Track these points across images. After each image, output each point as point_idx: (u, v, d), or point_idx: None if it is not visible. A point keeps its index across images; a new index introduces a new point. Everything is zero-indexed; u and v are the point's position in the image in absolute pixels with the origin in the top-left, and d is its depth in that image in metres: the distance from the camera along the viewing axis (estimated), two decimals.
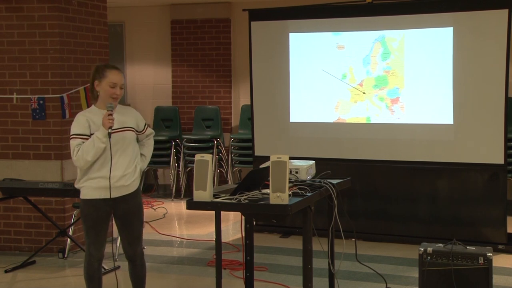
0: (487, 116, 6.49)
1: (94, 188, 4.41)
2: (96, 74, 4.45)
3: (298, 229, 7.05)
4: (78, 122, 4.42)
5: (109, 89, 4.41)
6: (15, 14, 6.62)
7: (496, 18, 6.36)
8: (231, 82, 10.03)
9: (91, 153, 4.32)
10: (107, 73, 4.43)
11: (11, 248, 6.81)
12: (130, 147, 4.50)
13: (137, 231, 4.62)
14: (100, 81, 4.43)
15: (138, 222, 4.62)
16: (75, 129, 4.40)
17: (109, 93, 4.41)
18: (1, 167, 6.71)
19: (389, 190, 7.04)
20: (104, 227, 4.52)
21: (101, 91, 4.44)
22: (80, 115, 4.47)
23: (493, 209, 6.57)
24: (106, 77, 4.42)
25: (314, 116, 7.25)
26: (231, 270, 5.99)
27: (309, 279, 4.24)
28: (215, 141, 9.61)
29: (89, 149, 4.31)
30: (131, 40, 10.46)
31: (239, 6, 9.39)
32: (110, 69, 4.47)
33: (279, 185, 3.98)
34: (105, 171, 4.38)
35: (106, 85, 4.41)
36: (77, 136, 4.38)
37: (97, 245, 4.50)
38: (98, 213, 4.45)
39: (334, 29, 7.10)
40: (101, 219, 4.48)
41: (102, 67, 4.50)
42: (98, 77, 4.43)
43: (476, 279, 4.65)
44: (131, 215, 4.55)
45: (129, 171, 4.48)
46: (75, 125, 4.42)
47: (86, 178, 4.43)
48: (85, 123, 4.39)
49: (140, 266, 4.69)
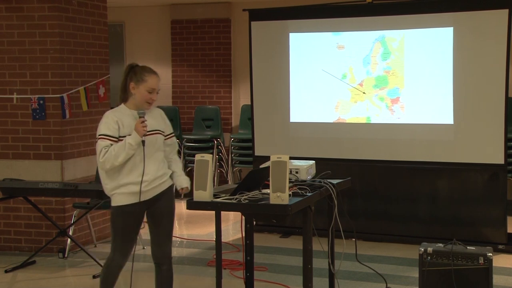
0: (487, 116, 6.49)
1: (126, 194, 4.29)
2: (134, 76, 4.30)
3: (298, 229, 7.05)
4: (108, 122, 4.25)
5: (146, 94, 4.28)
6: (15, 14, 6.62)
7: (496, 18, 6.36)
8: (231, 82, 10.03)
9: (120, 159, 4.18)
10: (147, 77, 4.29)
11: (11, 248, 6.81)
12: (160, 150, 4.39)
13: (165, 231, 4.47)
14: (137, 85, 4.28)
15: (167, 221, 4.48)
16: (104, 129, 4.23)
17: (145, 98, 4.29)
18: (1, 167, 6.71)
19: (389, 190, 7.04)
20: (132, 236, 4.42)
21: (137, 94, 4.28)
22: (110, 114, 4.30)
23: (493, 209, 6.57)
24: (145, 81, 4.28)
25: (314, 116, 7.24)
26: (231, 270, 5.99)
27: (309, 279, 4.24)
28: (215, 141, 9.61)
29: (119, 153, 4.18)
30: (131, 40, 10.46)
31: (239, 6, 9.39)
32: (149, 73, 4.33)
33: (279, 185, 3.98)
34: (135, 175, 4.26)
35: (143, 90, 4.28)
36: (106, 137, 4.22)
37: (122, 251, 4.40)
38: (129, 220, 4.35)
39: (334, 29, 7.10)
40: (131, 227, 4.38)
41: (140, 70, 4.33)
42: (136, 80, 4.28)
43: (476, 279, 4.65)
44: (161, 213, 4.43)
45: (160, 173, 4.38)
46: (104, 125, 4.25)
47: (117, 185, 4.29)
48: (114, 124, 4.24)
49: (166, 272, 4.52)
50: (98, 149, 4.23)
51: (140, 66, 4.40)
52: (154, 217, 4.44)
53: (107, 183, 4.34)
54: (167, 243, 4.50)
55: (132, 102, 4.34)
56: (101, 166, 4.25)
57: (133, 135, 4.21)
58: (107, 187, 4.36)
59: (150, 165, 4.31)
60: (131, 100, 4.34)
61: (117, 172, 4.28)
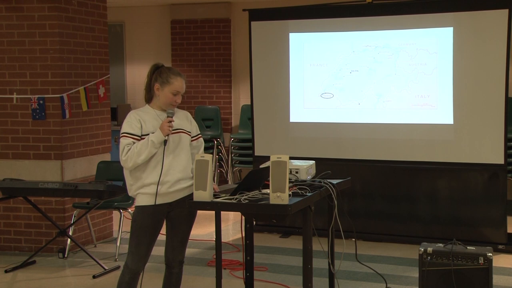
0: (487, 116, 6.49)
1: (149, 195, 4.22)
2: (159, 77, 4.27)
3: (298, 229, 7.05)
4: (131, 121, 4.23)
5: (170, 97, 4.27)
6: (15, 14, 6.62)
7: (496, 18, 6.36)
8: (231, 82, 10.03)
9: (142, 156, 4.16)
10: (172, 79, 4.26)
11: (11, 248, 6.81)
12: (185, 150, 4.35)
13: (182, 236, 4.42)
14: (162, 86, 4.26)
15: (186, 227, 4.43)
16: (127, 128, 4.22)
17: (170, 100, 4.28)
18: (1, 167, 6.71)
19: (389, 190, 7.04)
20: (147, 240, 4.26)
21: (161, 96, 4.27)
22: (133, 113, 4.27)
23: (493, 209, 6.57)
24: (171, 84, 4.26)
25: (314, 116, 7.24)
26: (231, 270, 5.99)
27: (309, 279, 4.24)
28: (215, 141, 9.61)
29: (141, 151, 4.15)
30: (131, 40, 10.46)
31: (239, 6, 9.39)
32: (176, 75, 4.29)
33: (279, 185, 3.98)
34: (157, 175, 4.21)
35: (168, 92, 4.26)
36: (129, 135, 4.20)
37: (134, 256, 4.26)
38: (147, 221, 4.24)
39: (334, 29, 7.10)
40: (147, 229, 4.24)
41: (166, 71, 4.30)
42: (161, 81, 4.26)
43: (476, 279, 4.65)
44: (181, 218, 4.37)
45: (184, 175, 4.32)
46: (127, 124, 4.23)
47: (141, 185, 4.24)
48: (137, 123, 4.22)
49: (176, 275, 4.48)
50: (120, 147, 4.21)
51: (166, 67, 4.36)
52: (173, 221, 4.39)
53: (132, 183, 4.30)
54: (182, 248, 4.46)
55: (156, 102, 4.33)
56: (124, 164, 4.21)
57: (157, 133, 4.18)
58: (132, 187, 4.31)
59: (174, 165, 4.27)
60: (155, 100, 4.33)
61: (140, 171, 4.24)
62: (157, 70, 4.33)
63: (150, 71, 4.34)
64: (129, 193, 4.36)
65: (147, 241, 4.27)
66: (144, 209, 4.25)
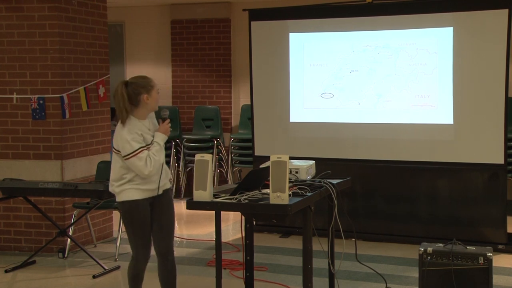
0: (487, 116, 6.49)
1: (142, 190, 4.49)
2: (141, 88, 4.48)
3: (298, 229, 7.05)
4: (134, 137, 4.43)
5: (157, 96, 4.57)
6: (15, 14, 6.62)
7: (496, 18, 6.36)
8: (231, 82, 10.03)
9: (162, 158, 4.50)
10: (151, 82, 4.55)
11: (11, 248, 6.81)
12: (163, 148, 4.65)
13: (169, 225, 4.69)
14: (149, 93, 4.50)
15: (171, 215, 4.70)
16: (136, 145, 4.41)
17: (157, 101, 4.58)
18: (1, 167, 6.71)
19: (389, 190, 7.04)
20: (149, 229, 4.58)
21: (151, 101, 4.51)
22: (127, 130, 4.43)
23: (493, 209, 6.57)
24: (154, 86, 4.54)
25: (314, 116, 7.24)
26: (231, 270, 5.99)
27: (309, 279, 4.25)
28: (215, 141, 9.61)
29: (159, 154, 4.47)
30: (131, 40, 10.46)
31: (239, 6, 9.39)
32: (150, 78, 4.59)
33: (279, 185, 3.98)
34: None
35: (155, 94, 4.54)
36: (143, 149, 4.43)
37: (145, 244, 4.58)
38: (144, 213, 4.52)
39: (334, 29, 7.10)
40: (146, 219, 4.54)
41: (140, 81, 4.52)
42: (146, 90, 4.49)
43: (476, 279, 4.65)
44: (166, 208, 4.64)
45: (168, 173, 4.70)
46: (134, 141, 4.41)
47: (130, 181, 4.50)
48: (139, 136, 4.45)
49: (172, 262, 4.71)
50: (141, 162, 4.40)
51: (134, 80, 4.56)
52: (159, 213, 4.61)
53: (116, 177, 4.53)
54: (171, 236, 4.71)
55: (143, 112, 4.53)
56: (150, 174, 4.45)
57: (160, 136, 4.54)
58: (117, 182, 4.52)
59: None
60: (142, 110, 4.52)
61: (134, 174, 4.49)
62: (131, 85, 4.50)
63: (123, 90, 4.47)
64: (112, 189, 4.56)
65: (148, 231, 4.58)
66: (138, 203, 4.49)
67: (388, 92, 6.90)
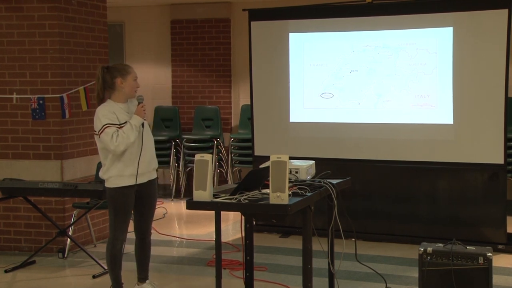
0: (487, 116, 6.49)
1: (127, 176, 4.79)
2: (116, 72, 4.81)
3: (298, 229, 7.05)
4: (106, 114, 4.73)
5: (134, 83, 4.86)
6: (15, 14, 6.62)
7: (496, 18, 6.36)
8: (231, 82, 10.03)
9: (132, 138, 4.71)
10: (129, 69, 4.88)
11: (11, 248, 6.81)
12: (150, 135, 4.99)
13: (152, 210, 5.12)
14: (124, 78, 4.82)
15: (154, 202, 5.12)
16: (106, 120, 4.70)
17: (134, 87, 4.87)
18: (1, 167, 6.71)
19: (389, 190, 7.04)
20: (130, 214, 4.96)
21: (126, 86, 4.83)
22: (103, 108, 4.77)
23: (493, 209, 6.56)
24: (130, 72, 4.86)
25: (314, 116, 7.24)
26: (231, 270, 5.99)
27: (309, 279, 4.24)
28: (215, 141, 9.61)
29: (129, 134, 4.70)
30: (131, 40, 10.46)
31: (239, 6, 9.39)
32: (128, 66, 4.93)
33: (279, 185, 3.98)
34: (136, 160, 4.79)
35: (131, 80, 4.84)
36: (111, 125, 4.70)
37: (124, 228, 4.91)
38: (129, 199, 4.85)
39: (334, 29, 7.10)
40: (130, 204, 4.89)
41: (118, 66, 4.88)
42: (121, 74, 4.81)
43: (476, 279, 4.65)
44: (150, 195, 5.03)
45: (153, 161, 5.00)
46: (104, 117, 4.71)
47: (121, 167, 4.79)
48: (112, 114, 4.73)
49: (148, 243, 5.14)
50: (108, 137, 4.69)
51: (113, 65, 4.93)
52: (144, 198, 4.98)
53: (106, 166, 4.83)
54: (150, 220, 5.15)
55: (118, 96, 4.85)
56: (116, 149, 4.71)
57: (135, 117, 4.79)
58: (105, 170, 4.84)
59: (148, 147, 4.91)
60: (118, 94, 4.85)
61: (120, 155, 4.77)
62: (107, 70, 4.86)
63: (100, 73, 4.80)
64: (103, 176, 4.87)
65: (129, 217, 4.99)
66: (123, 190, 4.82)
67: (388, 92, 6.90)
